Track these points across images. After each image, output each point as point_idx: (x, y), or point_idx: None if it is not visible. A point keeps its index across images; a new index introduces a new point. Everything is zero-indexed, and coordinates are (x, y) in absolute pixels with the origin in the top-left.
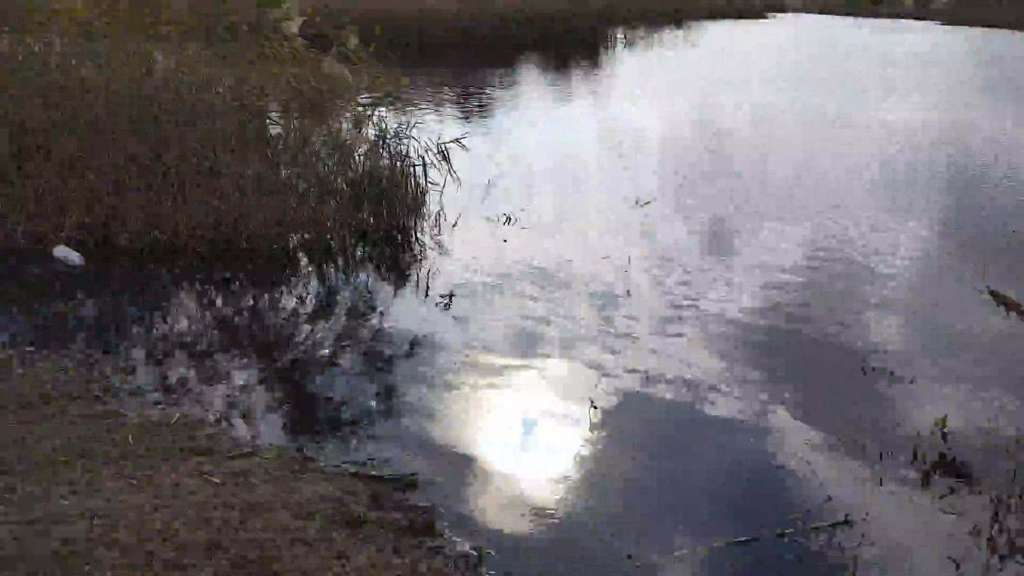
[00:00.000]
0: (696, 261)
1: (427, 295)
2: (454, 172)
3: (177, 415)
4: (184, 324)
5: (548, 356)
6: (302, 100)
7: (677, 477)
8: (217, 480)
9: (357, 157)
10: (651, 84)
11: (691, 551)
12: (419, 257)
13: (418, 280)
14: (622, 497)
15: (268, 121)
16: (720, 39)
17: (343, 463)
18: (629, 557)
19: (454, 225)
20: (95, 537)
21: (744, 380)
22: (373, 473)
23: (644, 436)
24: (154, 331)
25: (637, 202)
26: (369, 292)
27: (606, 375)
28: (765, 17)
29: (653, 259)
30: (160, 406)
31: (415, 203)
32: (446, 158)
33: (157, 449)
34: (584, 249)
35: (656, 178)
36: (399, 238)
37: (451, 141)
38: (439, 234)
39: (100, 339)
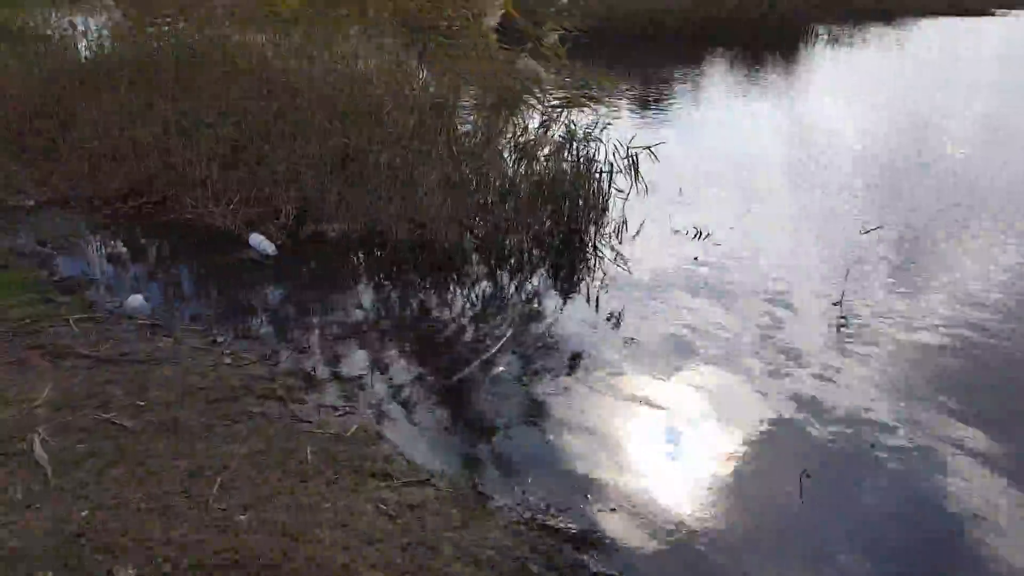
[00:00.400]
0: (914, 290)
1: (598, 308)
2: (641, 179)
3: (355, 426)
4: (363, 323)
5: (733, 395)
6: (493, 98)
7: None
8: (391, 511)
9: (541, 158)
10: (858, 87)
11: None
12: (594, 267)
13: (590, 292)
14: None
15: (456, 118)
16: (935, 38)
17: (518, 505)
18: None
19: (636, 235)
20: (268, 562)
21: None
22: (550, 523)
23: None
24: (334, 328)
25: (862, 230)
26: (540, 301)
27: (804, 421)
28: (991, 14)
29: (871, 291)
30: (338, 413)
31: (596, 209)
32: (634, 165)
33: (334, 465)
34: (788, 274)
35: (873, 203)
36: (576, 245)
37: (642, 148)
38: (619, 244)
39: (285, 333)
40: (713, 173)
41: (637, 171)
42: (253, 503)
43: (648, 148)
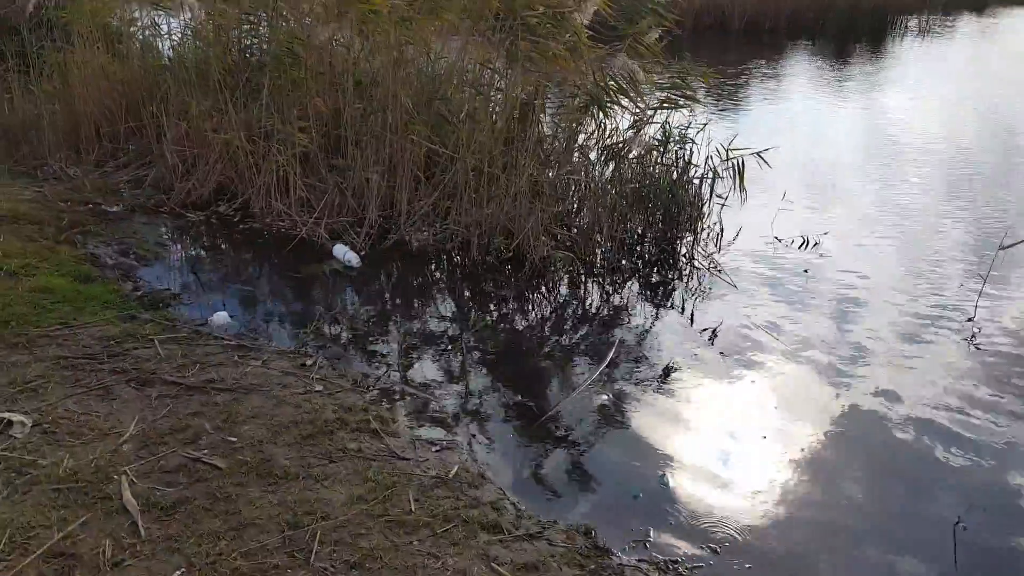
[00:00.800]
0: None
1: (700, 328)
2: (743, 185)
3: (456, 466)
4: (452, 342)
5: (863, 427)
6: (584, 98)
7: None
8: (506, 573)
9: (632, 162)
10: (958, 82)
11: None
12: (689, 278)
13: (690, 309)
14: None
15: (542, 120)
16: None
17: (639, 561)
18: None
19: (736, 244)
20: None
21: None
22: None
23: None
24: (423, 348)
25: (1001, 245)
26: (636, 318)
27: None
28: None
29: (1008, 307)
30: (436, 448)
31: (693, 217)
32: (738, 170)
33: (439, 515)
34: (911, 287)
35: (1000, 211)
36: (672, 256)
37: (751, 152)
38: (717, 254)
39: (373, 353)
40: (815, 175)
41: (742, 178)
42: (358, 561)
43: (758, 153)
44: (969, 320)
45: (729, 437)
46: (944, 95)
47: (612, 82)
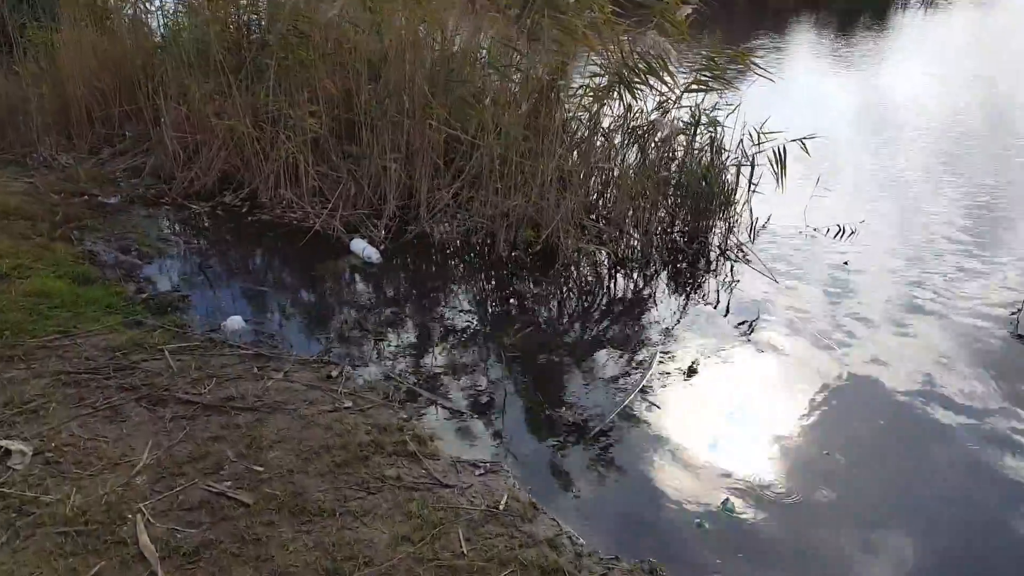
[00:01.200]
0: None
1: (727, 313)
2: (784, 174)
3: (505, 496)
4: (482, 345)
5: (921, 432)
6: (612, 78)
7: None
8: None
9: (659, 148)
10: (979, 58)
11: None
12: (723, 270)
13: (720, 299)
14: None
15: (565, 105)
16: None
17: None
18: None
19: (763, 230)
20: None
21: None
22: None
23: None
24: (453, 352)
25: None
26: (666, 312)
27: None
28: None
29: None
30: (479, 472)
31: (725, 205)
32: (778, 158)
33: (495, 559)
34: (956, 285)
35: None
36: (702, 246)
37: (791, 140)
38: (751, 243)
39: (401, 360)
40: (848, 158)
41: (784, 167)
42: None
43: (801, 141)
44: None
45: (786, 451)
46: (971, 70)
47: (642, 62)
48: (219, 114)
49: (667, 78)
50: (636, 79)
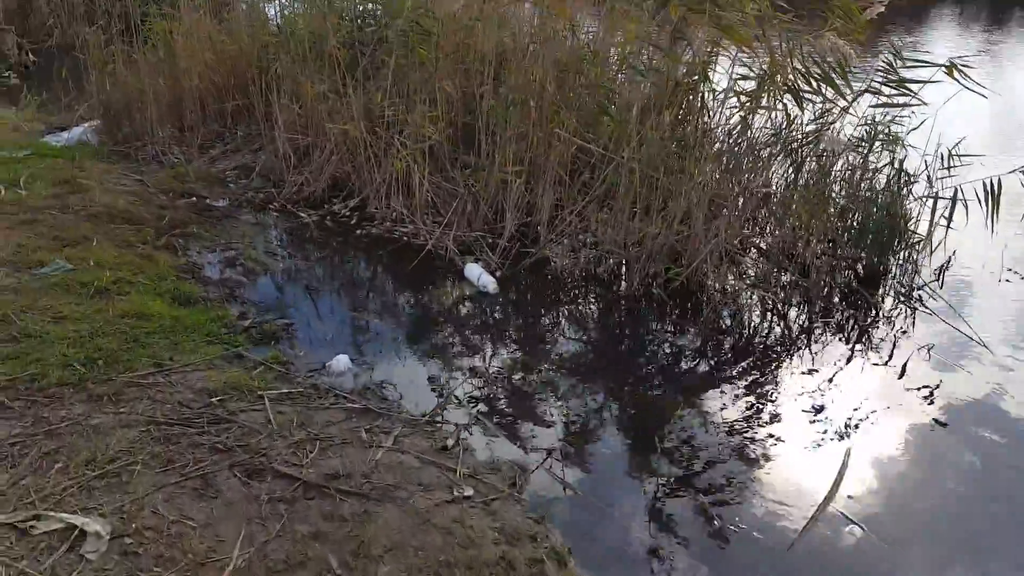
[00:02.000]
0: None
1: (902, 375)
2: (994, 208)
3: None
4: (630, 420)
5: None
6: (781, 88)
7: None
8: None
9: (825, 168)
10: None
11: None
12: (896, 317)
13: (892, 351)
14: None
15: (715, 115)
16: None
17: None
18: None
19: (947, 271)
20: None
21: None
22: None
23: None
24: (591, 425)
25: None
26: (842, 377)
27: None
28: None
29: None
30: (531, 519)
31: (906, 240)
32: (992, 193)
33: None
34: None
35: None
36: (878, 288)
37: (1010, 172)
38: (938, 288)
39: (523, 427)
40: None
41: (997, 202)
42: None
43: (1022, 171)
44: None
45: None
46: None
47: (816, 68)
48: (332, 114)
49: (844, 89)
50: (807, 88)
